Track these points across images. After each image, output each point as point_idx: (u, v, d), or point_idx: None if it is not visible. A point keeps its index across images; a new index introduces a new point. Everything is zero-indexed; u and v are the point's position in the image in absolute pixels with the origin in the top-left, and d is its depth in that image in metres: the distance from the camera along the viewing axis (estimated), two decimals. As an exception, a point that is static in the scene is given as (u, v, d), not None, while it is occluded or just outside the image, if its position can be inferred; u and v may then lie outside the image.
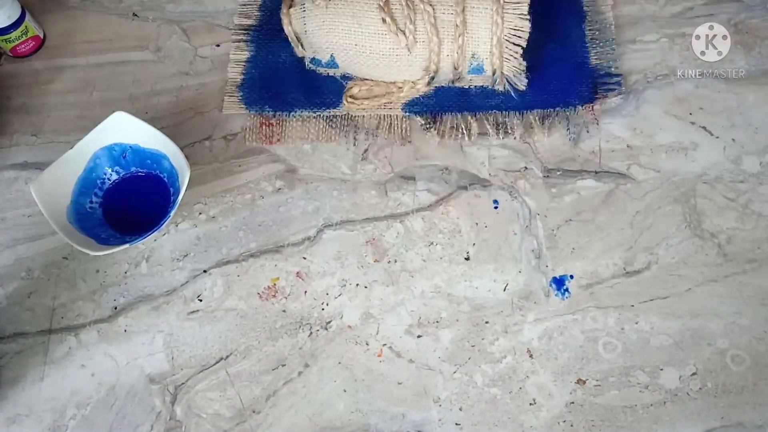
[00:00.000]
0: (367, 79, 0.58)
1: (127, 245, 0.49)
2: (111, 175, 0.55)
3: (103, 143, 0.53)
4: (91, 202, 0.54)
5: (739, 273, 0.51)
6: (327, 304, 0.52)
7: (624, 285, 0.51)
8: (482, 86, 0.58)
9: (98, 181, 0.54)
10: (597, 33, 0.61)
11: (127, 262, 0.54)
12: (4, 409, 0.49)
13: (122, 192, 0.55)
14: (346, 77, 0.59)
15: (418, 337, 0.50)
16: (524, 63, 0.54)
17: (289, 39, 0.57)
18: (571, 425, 0.47)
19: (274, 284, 0.52)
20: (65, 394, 0.49)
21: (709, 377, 0.48)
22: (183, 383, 0.49)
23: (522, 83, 0.55)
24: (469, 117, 0.58)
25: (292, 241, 0.54)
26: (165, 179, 0.55)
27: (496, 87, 0.57)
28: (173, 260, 0.54)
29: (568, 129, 0.57)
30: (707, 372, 0.48)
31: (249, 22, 0.63)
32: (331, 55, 0.57)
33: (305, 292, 0.52)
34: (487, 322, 0.50)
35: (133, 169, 0.56)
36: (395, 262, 0.53)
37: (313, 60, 0.59)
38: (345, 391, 0.49)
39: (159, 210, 0.53)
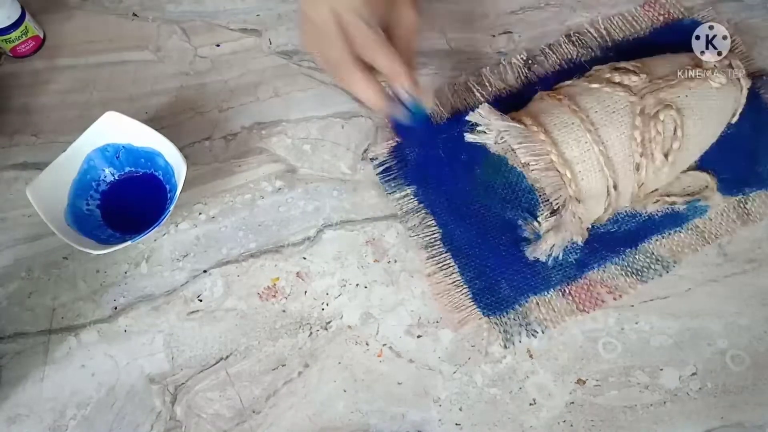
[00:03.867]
0: None
1: (129, 242, 0.49)
2: (106, 176, 0.55)
3: (96, 144, 0.53)
4: (88, 204, 0.54)
5: (739, 273, 0.51)
6: (327, 305, 0.52)
7: (624, 285, 0.51)
8: None
9: (93, 183, 0.54)
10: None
11: (127, 262, 0.54)
12: (4, 409, 0.49)
13: (119, 193, 0.55)
14: None
15: (418, 337, 0.50)
16: None
17: None
18: (571, 425, 0.47)
19: (274, 284, 0.52)
20: (65, 394, 0.49)
21: (709, 377, 0.48)
22: (183, 383, 0.49)
23: None
24: None
25: (292, 241, 0.54)
26: (160, 177, 0.55)
27: None
28: (173, 260, 0.54)
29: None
30: (707, 372, 0.48)
31: None
32: None
33: (305, 292, 0.52)
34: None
35: (127, 169, 0.55)
36: (395, 262, 0.53)
37: None
38: (345, 391, 0.49)
39: (157, 208, 0.54)
